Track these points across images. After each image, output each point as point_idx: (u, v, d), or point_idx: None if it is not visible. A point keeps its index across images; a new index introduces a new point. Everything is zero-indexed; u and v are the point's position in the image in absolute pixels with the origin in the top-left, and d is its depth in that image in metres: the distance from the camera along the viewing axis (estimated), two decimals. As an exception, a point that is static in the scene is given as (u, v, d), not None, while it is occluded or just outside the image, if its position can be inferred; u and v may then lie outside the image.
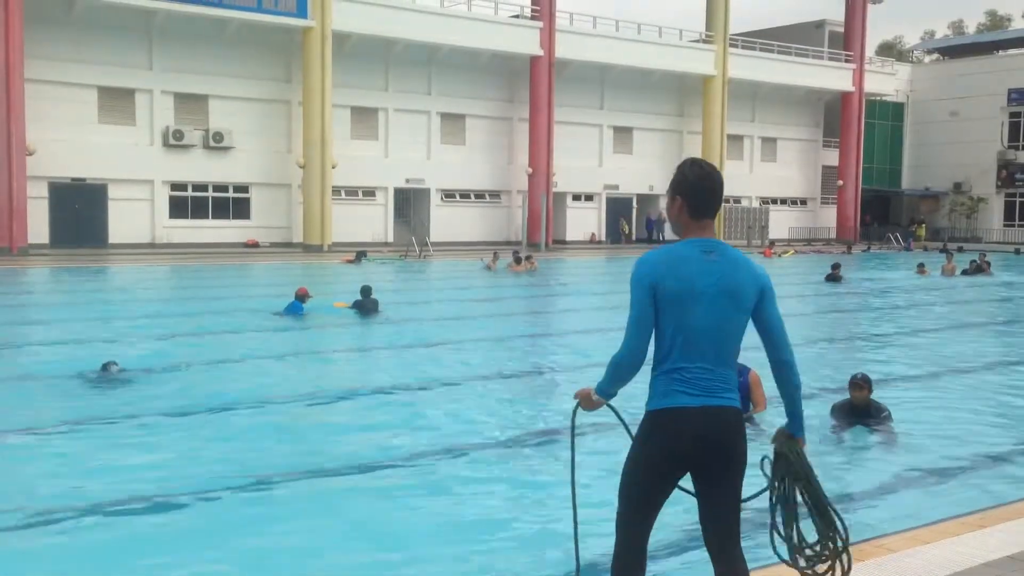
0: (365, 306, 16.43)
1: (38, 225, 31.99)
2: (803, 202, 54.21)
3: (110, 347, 12.51)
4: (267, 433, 8.03)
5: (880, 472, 7.02)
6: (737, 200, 50.41)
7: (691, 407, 3.40)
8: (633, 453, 3.56)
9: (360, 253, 31.46)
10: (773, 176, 52.30)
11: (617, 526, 3.59)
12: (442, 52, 39.61)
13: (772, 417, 8.42)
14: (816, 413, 8.87)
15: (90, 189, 33.72)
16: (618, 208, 46.71)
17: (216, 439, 7.82)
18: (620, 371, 3.51)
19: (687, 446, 3.42)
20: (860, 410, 8.15)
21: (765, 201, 51.97)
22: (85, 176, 33.49)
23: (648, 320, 3.42)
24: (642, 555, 3.57)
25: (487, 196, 43.20)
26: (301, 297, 16.17)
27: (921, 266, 28.74)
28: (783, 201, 53.12)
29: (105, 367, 10.10)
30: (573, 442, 4.12)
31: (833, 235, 52.58)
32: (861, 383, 8.13)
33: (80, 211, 33.50)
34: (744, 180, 50.52)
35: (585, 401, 3.71)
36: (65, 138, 32.72)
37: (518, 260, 28.21)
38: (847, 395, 8.41)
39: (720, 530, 3.52)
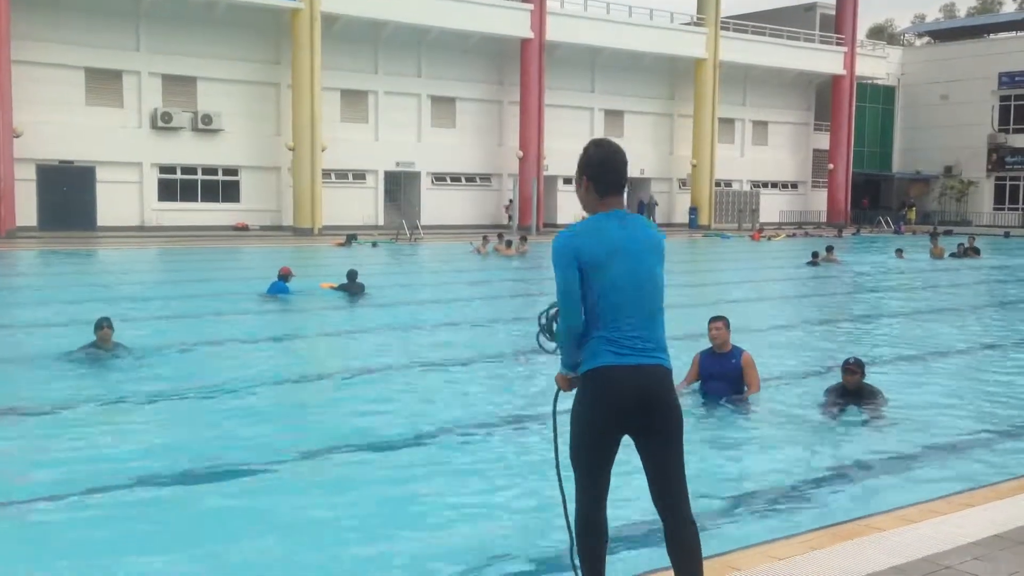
0: (351, 289, 16.45)
1: (26, 208, 31.80)
2: (794, 185, 54.23)
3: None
4: (257, 415, 7.98)
5: (869, 452, 7.03)
6: (728, 184, 50.38)
7: (619, 365, 3.53)
8: (572, 417, 3.68)
9: (350, 236, 31.36)
10: (764, 159, 52.27)
11: (575, 494, 3.72)
12: (432, 34, 39.39)
13: (765, 399, 8.45)
14: (808, 391, 8.90)
15: (78, 171, 33.50)
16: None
17: (202, 422, 7.79)
18: (566, 342, 3.68)
19: (617, 403, 3.54)
20: (852, 393, 8.16)
21: (756, 184, 51.96)
22: (73, 159, 33.28)
23: (575, 289, 3.58)
24: (599, 519, 3.69)
25: (477, 179, 43.08)
26: (284, 276, 16.25)
27: (899, 251, 28.77)
28: (774, 184, 53.12)
29: (99, 326, 9.95)
30: (555, 424, 4.09)
31: (824, 218, 52.62)
32: (853, 368, 8.14)
33: (68, 194, 33.30)
34: (735, 164, 50.48)
35: (562, 382, 3.82)
36: (52, 120, 32.47)
37: (508, 244, 28.13)
38: (838, 378, 8.44)
39: (665, 490, 3.64)
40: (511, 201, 41.47)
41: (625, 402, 3.55)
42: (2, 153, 29.93)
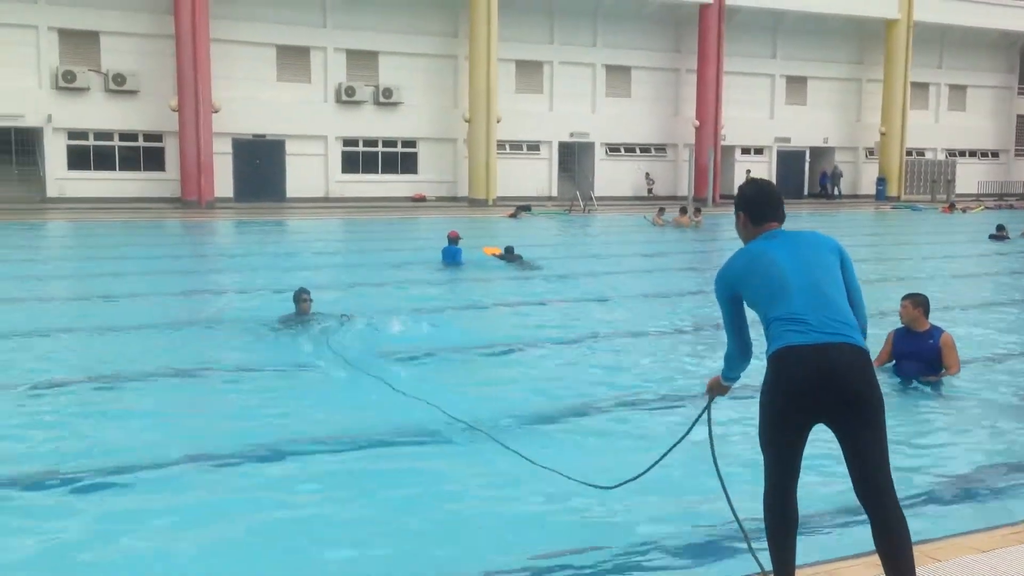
0: (509, 259, 17.09)
1: (223, 179, 33.78)
2: (994, 154, 50.54)
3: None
4: (431, 383, 8.13)
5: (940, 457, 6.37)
6: (920, 152, 47.53)
7: (803, 344, 3.46)
8: (760, 400, 3.66)
9: (521, 207, 31.54)
10: (961, 126, 48.94)
11: (764, 480, 3.68)
12: (608, 2, 38.97)
13: (964, 382, 7.92)
14: (1013, 375, 8.28)
15: (269, 145, 35.28)
16: (789, 161, 44.92)
17: (381, 389, 8.00)
18: (732, 363, 4.03)
19: (801, 383, 3.46)
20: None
21: (951, 153, 48.78)
22: (265, 132, 35.04)
23: (733, 320, 3.87)
24: (788, 502, 3.63)
25: (652, 149, 42.46)
26: (453, 239, 16.70)
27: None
28: (972, 153, 49.70)
29: (299, 297, 10.37)
30: (711, 431, 4.41)
31: (1027, 190, 48.87)
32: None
33: (261, 166, 35.15)
34: (928, 131, 47.54)
35: (716, 388, 4.22)
36: (246, 96, 34.25)
37: (683, 211, 27.64)
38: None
39: (867, 478, 3.48)
40: (647, 174, 40.94)
41: (810, 382, 3.42)
42: (203, 128, 31.89)
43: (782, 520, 3.63)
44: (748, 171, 40.75)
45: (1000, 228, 23.81)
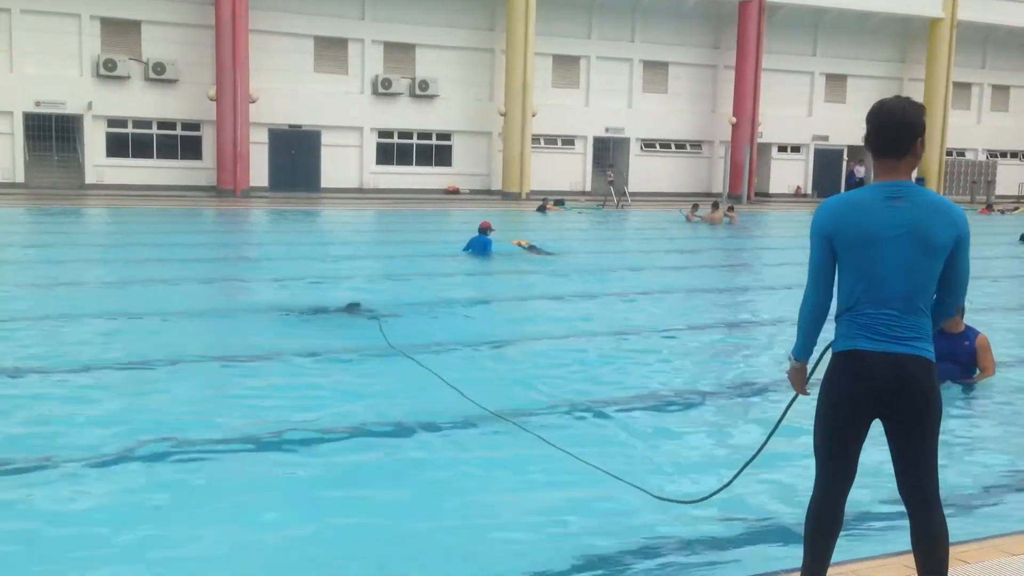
0: (534, 252, 17.30)
1: (259, 169, 34.05)
2: (1037, 156, 49.70)
3: (329, 286, 13.19)
4: (462, 371, 8.12)
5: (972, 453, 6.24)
6: (961, 153, 46.84)
7: (872, 351, 3.33)
8: (819, 399, 3.50)
9: (556, 201, 31.45)
10: (1004, 127, 48.15)
11: (815, 479, 3.57)
12: (647, -3, 38.78)
13: (999, 384, 7.80)
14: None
15: (305, 135, 35.50)
16: (826, 160, 44.44)
17: (412, 378, 8.01)
18: (805, 325, 3.54)
19: (866, 392, 3.35)
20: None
21: (993, 154, 48.00)
22: (301, 123, 35.26)
23: (825, 271, 3.41)
24: (835, 509, 3.51)
25: (688, 146, 42.21)
26: (484, 230, 16.76)
27: None
28: (1013, 155, 48.88)
29: (350, 308, 10.58)
30: (780, 419, 4.28)
31: (1072, 193, 47.97)
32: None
33: (296, 156, 35.39)
34: (970, 131, 46.83)
35: (794, 378, 3.70)
36: (284, 86, 34.49)
37: (715, 206, 27.47)
38: None
39: (912, 476, 3.41)
40: (612, 165, 38.31)
41: (875, 391, 3.34)
42: (240, 118, 32.16)
43: (830, 527, 3.53)
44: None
45: None
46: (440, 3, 36.46)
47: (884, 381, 3.32)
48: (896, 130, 3.29)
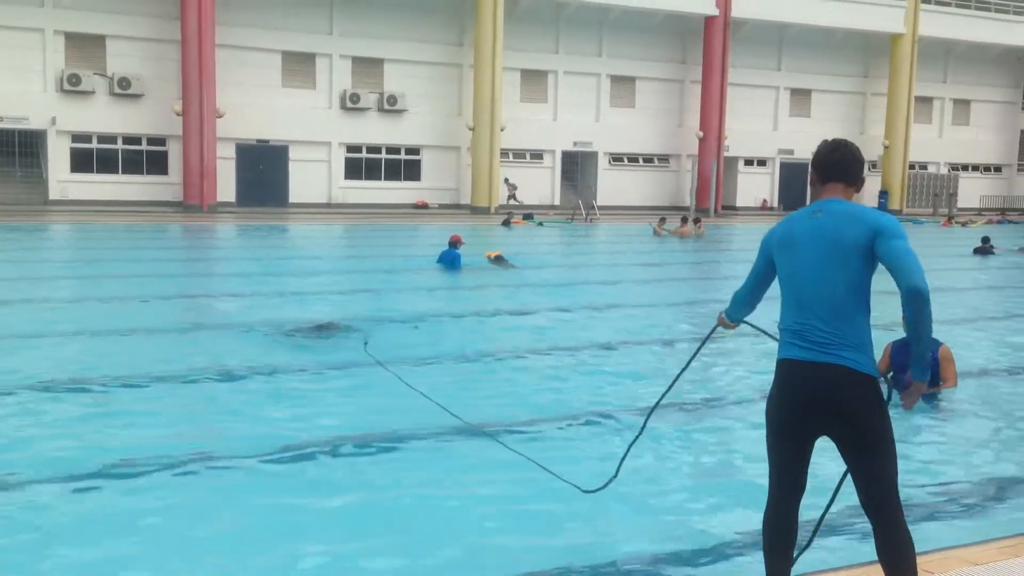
0: (499, 264, 17.46)
1: (226, 184, 33.82)
2: (997, 169, 50.55)
3: (298, 301, 13.12)
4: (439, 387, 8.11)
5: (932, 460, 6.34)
6: (923, 166, 47.56)
7: (799, 360, 3.47)
8: (765, 409, 3.67)
9: (525, 216, 31.60)
10: (964, 140, 48.98)
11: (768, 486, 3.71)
12: (614, 13, 39.04)
13: (960, 395, 7.90)
14: (1010, 389, 8.24)
15: (273, 150, 35.34)
16: (792, 174, 44.93)
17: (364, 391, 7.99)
18: (733, 301, 4.15)
19: (797, 399, 3.48)
20: None
21: (954, 167, 48.78)
22: (269, 138, 35.09)
23: (757, 271, 3.86)
24: (783, 519, 3.59)
25: (655, 160, 42.50)
26: (455, 244, 16.77)
27: None
28: (975, 168, 49.71)
29: (323, 328, 10.44)
30: (701, 346, 4.91)
31: (1031, 205, 48.85)
32: None
33: (263, 171, 35.19)
34: (932, 145, 47.58)
35: (723, 322, 4.30)
36: (251, 101, 34.31)
37: (684, 220, 27.70)
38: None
39: (867, 490, 3.47)
40: (507, 180, 37.71)
41: (802, 400, 3.45)
42: (207, 133, 31.95)
43: (781, 536, 3.60)
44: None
45: (985, 240, 23.72)
46: (408, 18, 36.50)
47: (806, 390, 3.44)
48: (840, 159, 3.67)
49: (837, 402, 3.39)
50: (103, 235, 23.57)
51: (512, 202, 36.52)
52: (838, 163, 3.64)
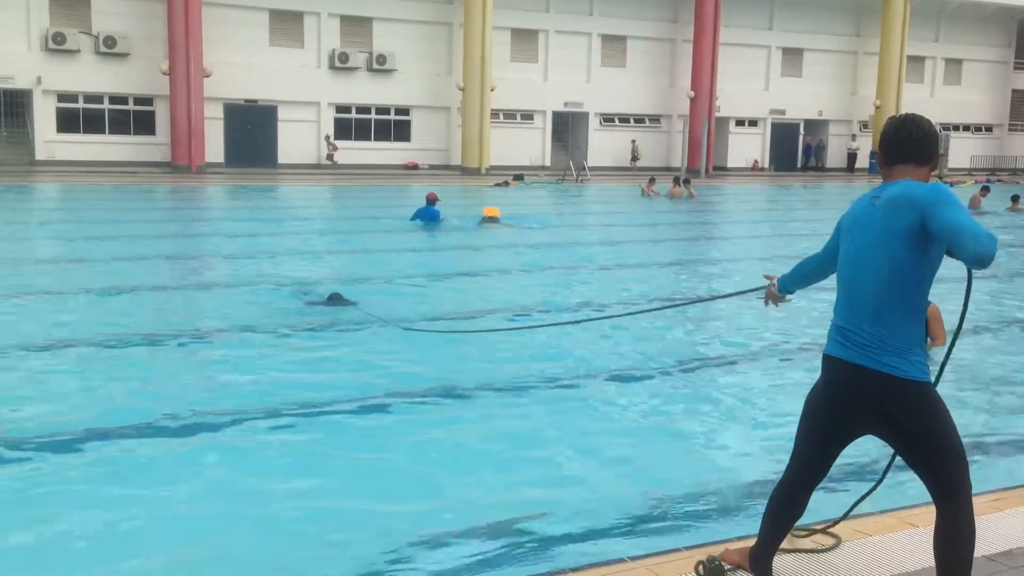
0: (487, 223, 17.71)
1: (214, 144, 33.56)
2: (988, 128, 50.53)
3: (278, 263, 13.10)
4: (415, 349, 8.15)
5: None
6: (914, 126, 47.40)
7: (839, 358, 3.37)
8: (808, 393, 3.59)
9: (515, 176, 31.50)
10: (956, 100, 48.88)
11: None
12: (605, -29, 38.64)
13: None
14: (994, 347, 8.31)
15: (261, 110, 35.03)
16: (783, 134, 44.81)
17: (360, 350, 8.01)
18: (795, 270, 3.87)
19: (841, 399, 3.38)
20: None
21: (946, 127, 48.69)
22: (257, 98, 34.77)
23: (829, 248, 3.63)
24: (792, 498, 3.54)
25: (647, 120, 42.31)
26: (432, 201, 16.91)
27: (1015, 199, 25.40)
28: (966, 128, 49.68)
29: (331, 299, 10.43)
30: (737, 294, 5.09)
31: (1022, 164, 48.82)
32: None
33: (252, 132, 34.91)
34: (923, 104, 47.28)
35: (771, 294, 4.00)
36: (238, 60, 33.95)
37: (676, 181, 27.66)
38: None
39: (926, 481, 3.34)
40: (327, 137, 35.90)
41: (847, 400, 3.36)
42: (194, 93, 31.63)
43: (783, 511, 3.57)
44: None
45: (984, 190, 23.68)
46: (397, -24, 36.05)
47: (851, 391, 3.33)
48: (912, 139, 3.36)
49: (882, 407, 3.28)
50: (90, 195, 23.40)
51: (328, 162, 35.56)
52: (905, 142, 3.34)
